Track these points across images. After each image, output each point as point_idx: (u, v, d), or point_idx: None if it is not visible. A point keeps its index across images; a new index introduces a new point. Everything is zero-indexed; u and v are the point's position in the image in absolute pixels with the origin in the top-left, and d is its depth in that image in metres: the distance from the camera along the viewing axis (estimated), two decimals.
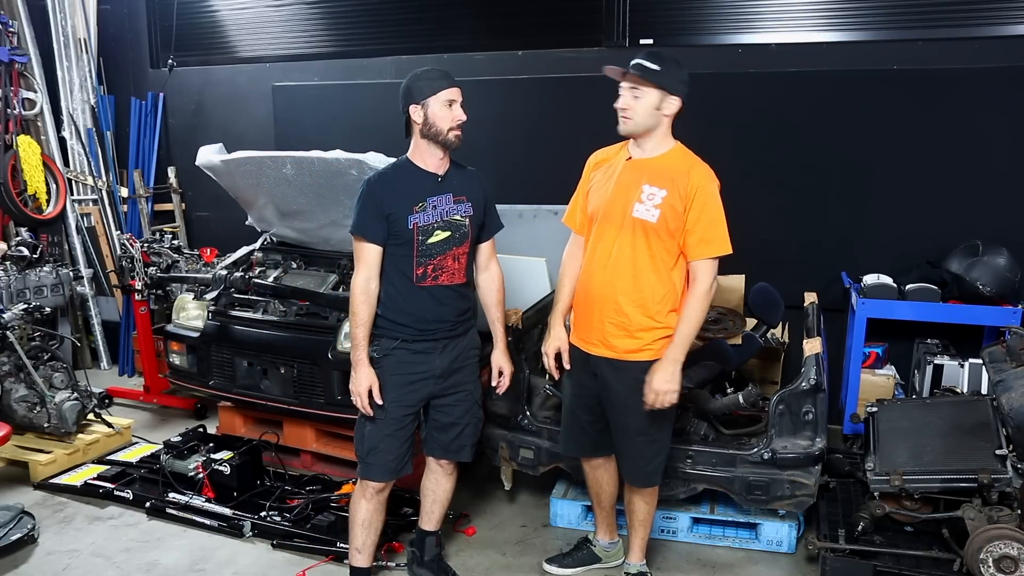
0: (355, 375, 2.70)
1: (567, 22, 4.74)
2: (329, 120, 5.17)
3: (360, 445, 2.80)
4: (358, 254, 2.69)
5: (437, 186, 2.71)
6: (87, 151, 5.66)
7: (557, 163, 4.70)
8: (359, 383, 2.69)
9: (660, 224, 2.57)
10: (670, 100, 2.56)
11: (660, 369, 2.58)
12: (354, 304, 2.67)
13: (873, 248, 4.23)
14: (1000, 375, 2.96)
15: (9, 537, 3.25)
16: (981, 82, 3.97)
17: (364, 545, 2.86)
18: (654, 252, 2.60)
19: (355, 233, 2.68)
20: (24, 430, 4.11)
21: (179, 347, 4.18)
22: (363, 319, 2.67)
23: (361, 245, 2.67)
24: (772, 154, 4.36)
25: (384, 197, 2.65)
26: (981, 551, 2.69)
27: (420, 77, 2.67)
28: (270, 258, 4.37)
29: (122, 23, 5.86)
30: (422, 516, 3.04)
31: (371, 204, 2.65)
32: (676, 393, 2.59)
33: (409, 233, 2.65)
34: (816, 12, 4.29)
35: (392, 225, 2.65)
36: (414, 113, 2.64)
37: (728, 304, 4.15)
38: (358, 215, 2.66)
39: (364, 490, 2.82)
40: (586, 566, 3.12)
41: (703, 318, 2.61)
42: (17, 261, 4.92)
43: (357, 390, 2.70)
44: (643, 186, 2.60)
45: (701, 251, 2.56)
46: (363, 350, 2.69)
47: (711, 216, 2.55)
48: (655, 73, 2.53)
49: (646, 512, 2.89)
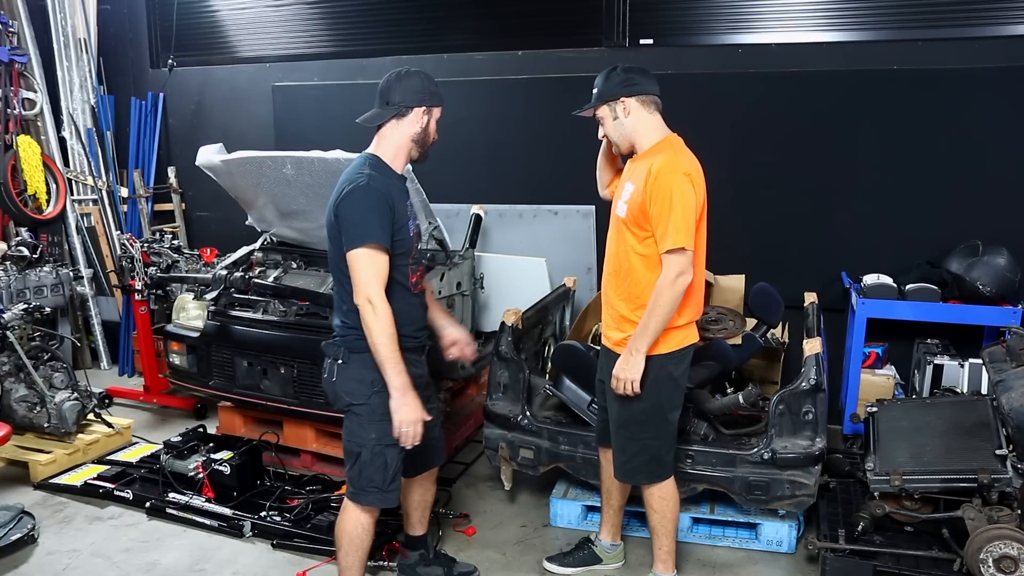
0: (405, 402, 2.39)
1: (567, 22, 4.74)
2: (329, 120, 5.17)
3: (381, 472, 2.53)
4: (372, 267, 2.38)
5: (405, 190, 2.60)
6: (87, 151, 5.66)
7: (557, 163, 4.74)
8: (414, 410, 2.40)
9: (628, 218, 2.63)
10: (619, 105, 2.62)
11: (622, 356, 2.63)
12: (385, 325, 2.37)
13: (873, 248, 4.23)
14: (1000, 375, 2.96)
15: (9, 537, 3.25)
16: (981, 82, 3.97)
17: (363, 565, 2.68)
18: (633, 246, 2.64)
19: (372, 243, 2.38)
20: (24, 430, 4.11)
21: (179, 347, 4.18)
22: (396, 339, 2.39)
23: (377, 256, 2.39)
24: (772, 154, 4.36)
25: (392, 202, 2.45)
26: (981, 551, 2.68)
27: (432, 82, 2.55)
28: (270, 258, 4.37)
29: (122, 23, 5.86)
30: (414, 526, 2.99)
31: (385, 210, 2.42)
32: (635, 382, 2.58)
33: (411, 240, 2.54)
34: (816, 12, 4.29)
35: (397, 231, 2.47)
36: (418, 115, 2.51)
37: (728, 304, 4.14)
38: (371, 222, 2.38)
39: (374, 516, 2.63)
40: (586, 566, 3.12)
41: (667, 310, 2.52)
42: (17, 261, 4.92)
43: (412, 419, 2.40)
44: (626, 184, 2.68)
45: (661, 244, 2.52)
46: (406, 373, 2.41)
47: (660, 208, 2.50)
48: (594, 96, 2.67)
49: (655, 520, 2.84)
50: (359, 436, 2.55)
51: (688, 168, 2.56)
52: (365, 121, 2.56)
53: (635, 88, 2.60)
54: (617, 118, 2.64)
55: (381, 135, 2.56)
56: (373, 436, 2.52)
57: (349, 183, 2.45)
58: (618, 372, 2.62)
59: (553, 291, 4.15)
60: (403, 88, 2.51)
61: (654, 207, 2.52)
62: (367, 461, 2.54)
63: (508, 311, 3.54)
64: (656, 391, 2.66)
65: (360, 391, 2.52)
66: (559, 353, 3.54)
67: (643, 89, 2.61)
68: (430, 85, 2.55)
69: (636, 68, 2.65)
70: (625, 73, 2.62)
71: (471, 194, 4.61)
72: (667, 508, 2.82)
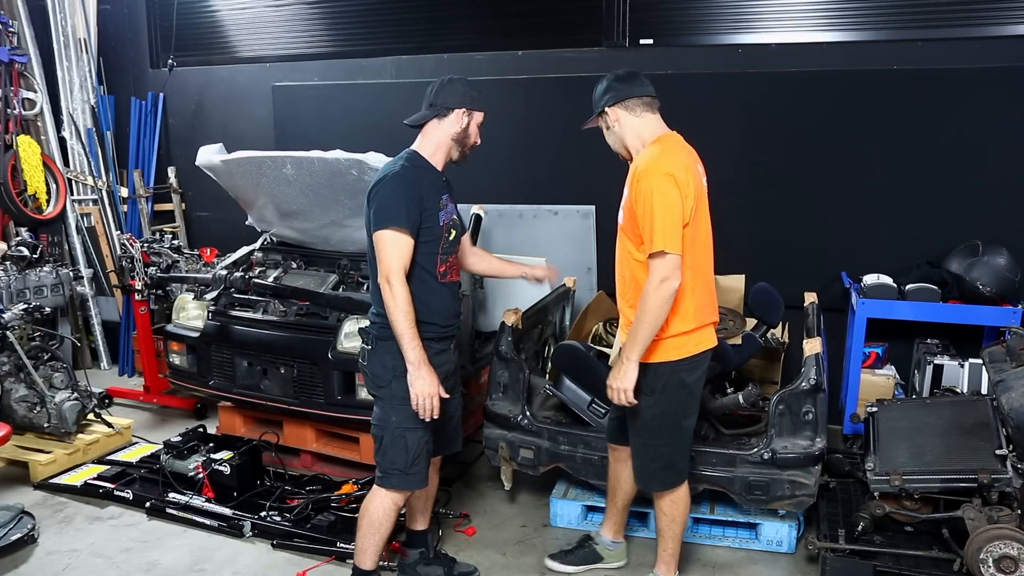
0: (419, 375, 2.51)
1: (567, 22, 4.74)
2: (329, 120, 5.17)
3: (402, 455, 2.63)
4: (394, 247, 2.52)
5: (444, 185, 2.73)
6: (87, 151, 5.66)
7: (557, 163, 4.74)
8: (428, 384, 2.51)
9: (624, 224, 2.65)
10: (610, 114, 2.64)
11: (615, 366, 2.59)
12: (402, 302, 2.50)
13: (873, 248, 4.22)
14: (1000, 375, 2.96)
15: (9, 537, 3.25)
16: (981, 82, 3.97)
17: (380, 550, 2.77)
18: (631, 252, 2.62)
19: (395, 225, 2.51)
20: (24, 430, 4.11)
21: (179, 347, 4.18)
22: (413, 314, 2.52)
23: (399, 237, 2.52)
24: (772, 154, 4.36)
25: (422, 191, 2.58)
26: (981, 551, 2.68)
27: (475, 87, 2.70)
28: (270, 258, 4.37)
29: (122, 23, 5.86)
30: (416, 519, 3.02)
31: (414, 195, 2.55)
32: (628, 391, 2.52)
33: (439, 229, 2.64)
34: (816, 12, 4.29)
35: (425, 220, 2.59)
36: (458, 116, 2.65)
37: (728, 304, 4.14)
38: (397, 206, 2.52)
39: (397, 500, 2.71)
40: (588, 565, 3.11)
41: (654, 316, 2.45)
42: (17, 261, 4.92)
43: (427, 392, 2.51)
44: (625, 190, 2.67)
45: (646, 248, 2.47)
46: (421, 348, 2.52)
47: (642, 211, 2.47)
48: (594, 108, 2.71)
49: (664, 522, 2.83)
50: (383, 420, 2.68)
51: (671, 168, 2.46)
52: (411, 121, 2.71)
53: (615, 96, 2.61)
54: (609, 128, 2.68)
55: (424, 133, 2.71)
56: (394, 419, 2.64)
57: (382, 174, 2.62)
58: (611, 382, 2.58)
59: (553, 291, 4.15)
60: (445, 92, 2.66)
61: (638, 209, 2.50)
62: (389, 444, 2.66)
63: (508, 311, 3.54)
64: (668, 398, 2.63)
65: (383, 376, 2.65)
66: (559, 353, 3.54)
67: (624, 95, 2.60)
68: (471, 91, 2.70)
69: (621, 75, 2.65)
70: (608, 82, 2.65)
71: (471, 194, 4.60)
72: (677, 512, 2.80)
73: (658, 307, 2.45)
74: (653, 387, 2.60)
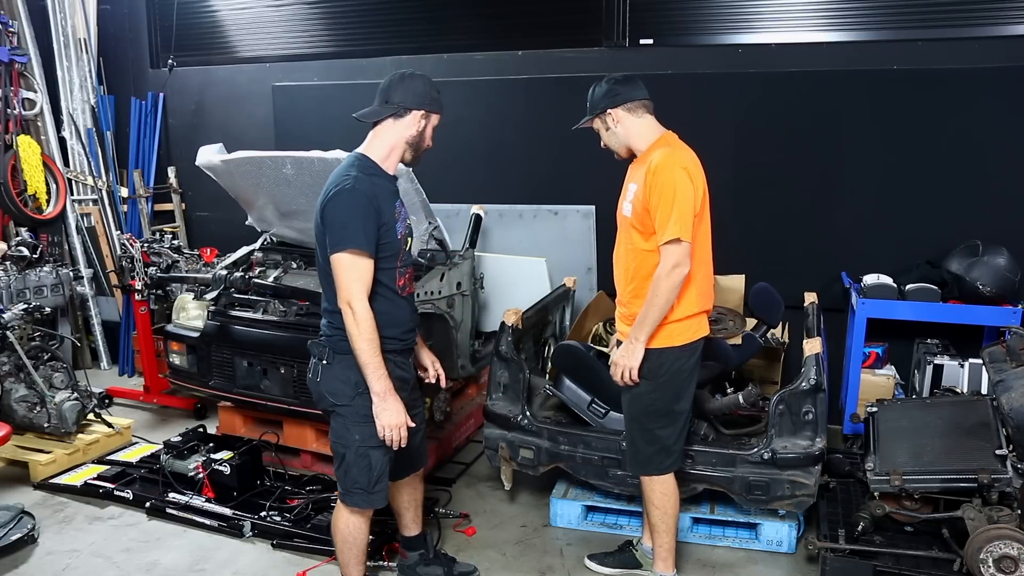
0: (385, 407, 2.41)
1: (567, 22, 4.74)
2: (329, 120, 5.17)
3: (365, 474, 2.53)
4: (355, 272, 2.37)
5: (395, 191, 2.57)
6: (87, 151, 5.66)
7: (557, 163, 4.74)
8: (396, 414, 2.42)
9: (634, 217, 2.71)
10: (608, 116, 2.73)
11: (623, 345, 2.73)
12: (366, 330, 2.36)
13: (873, 248, 4.23)
14: (1000, 375, 2.96)
15: (9, 537, 3.25)
16: (981, 82, 3.97)
17: (361, 560, 2.73)
18: (641, 245, 2.71)
19: (355, 248, 2.35)
20: (24, 430, 4.11)
21: (179, 347, 4.17)
22: (377, 341, 2.39)
23: (360, 261, 2.38)
24: (772, 154, 4.37)
25: (378, 205, 2.41)
26: (981, 551, 2.69)
27: (435, 88, 2.53)
28: (270, 258, 4.37)
29: (122, 23, 5.86)
30: (408, 526, 2.98)
31: (371, 213, 2.39)
32: (634, 369, 2.67)
33: (398, 243, 2.50)
34: (816, 12, 4.29)
35: (384, 235, 2.44)
36: (416, 118, 2.49)
37: (728, 304, 4.15)
38: (355, 227, 2.36)
39: (365, 516, 2.64)
40: (626, 569, 3.12)
41: (664, 300, 2.59)
42: (17, 261, 4.92)
43: (394, 423, 2.42)
44: (629, 185, 2.76)
45: (659, 236, 2.61)
46: (387, 377, 2.41)
47: (658, 201, 2.58)
48: (587, 111, 2.79)
49: (657, 516, 2.85)
50: (344, 437, 2.55)
51: (685, 162, 2.63)
52: (362, 116, 2.54)
53: (618, 99, 2.71)
54: (609, 128, 2.76)
55: (376, 133, 2.54)
56: (357, 437, 2.52)
57: (335, 185, 2.43)
58: (617, 359, 2.71)
59: (553, 291, 4.15)
60: (405, 89, 2.49)
61: (653, 200, 2.60)
62: (352, 463, 2.55)
63: (508, 311, 3.54)
64: (669, 383, 2.74)
65: (344, 392, 2.51)
66: (559, 353, 3.54)
67: (627, 97, 2.71)
68: (432, 91, 2.53)
69: (620, 78, 2.75)
70: (608, 85, 2.73)
71: (471, 194, 4.61)
72: (668, 504, 2.84)
73: (669, 291, 2.60)
74: (655, 373, 2.71)
